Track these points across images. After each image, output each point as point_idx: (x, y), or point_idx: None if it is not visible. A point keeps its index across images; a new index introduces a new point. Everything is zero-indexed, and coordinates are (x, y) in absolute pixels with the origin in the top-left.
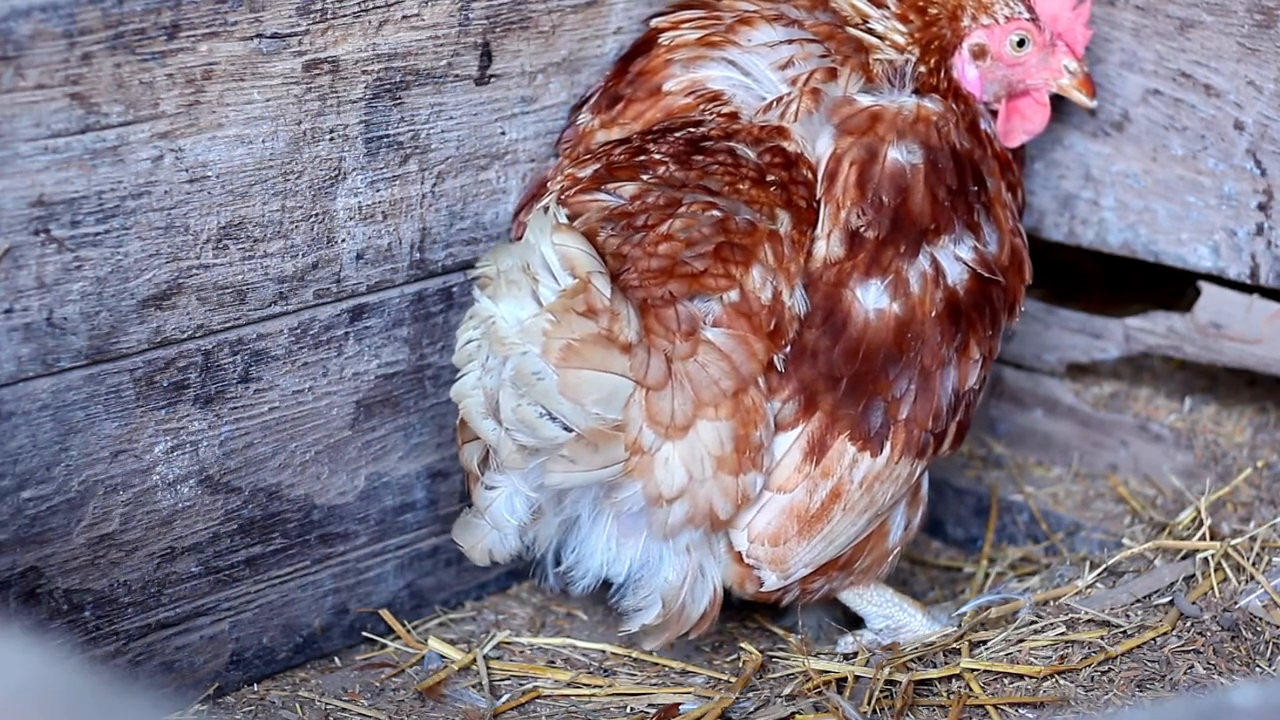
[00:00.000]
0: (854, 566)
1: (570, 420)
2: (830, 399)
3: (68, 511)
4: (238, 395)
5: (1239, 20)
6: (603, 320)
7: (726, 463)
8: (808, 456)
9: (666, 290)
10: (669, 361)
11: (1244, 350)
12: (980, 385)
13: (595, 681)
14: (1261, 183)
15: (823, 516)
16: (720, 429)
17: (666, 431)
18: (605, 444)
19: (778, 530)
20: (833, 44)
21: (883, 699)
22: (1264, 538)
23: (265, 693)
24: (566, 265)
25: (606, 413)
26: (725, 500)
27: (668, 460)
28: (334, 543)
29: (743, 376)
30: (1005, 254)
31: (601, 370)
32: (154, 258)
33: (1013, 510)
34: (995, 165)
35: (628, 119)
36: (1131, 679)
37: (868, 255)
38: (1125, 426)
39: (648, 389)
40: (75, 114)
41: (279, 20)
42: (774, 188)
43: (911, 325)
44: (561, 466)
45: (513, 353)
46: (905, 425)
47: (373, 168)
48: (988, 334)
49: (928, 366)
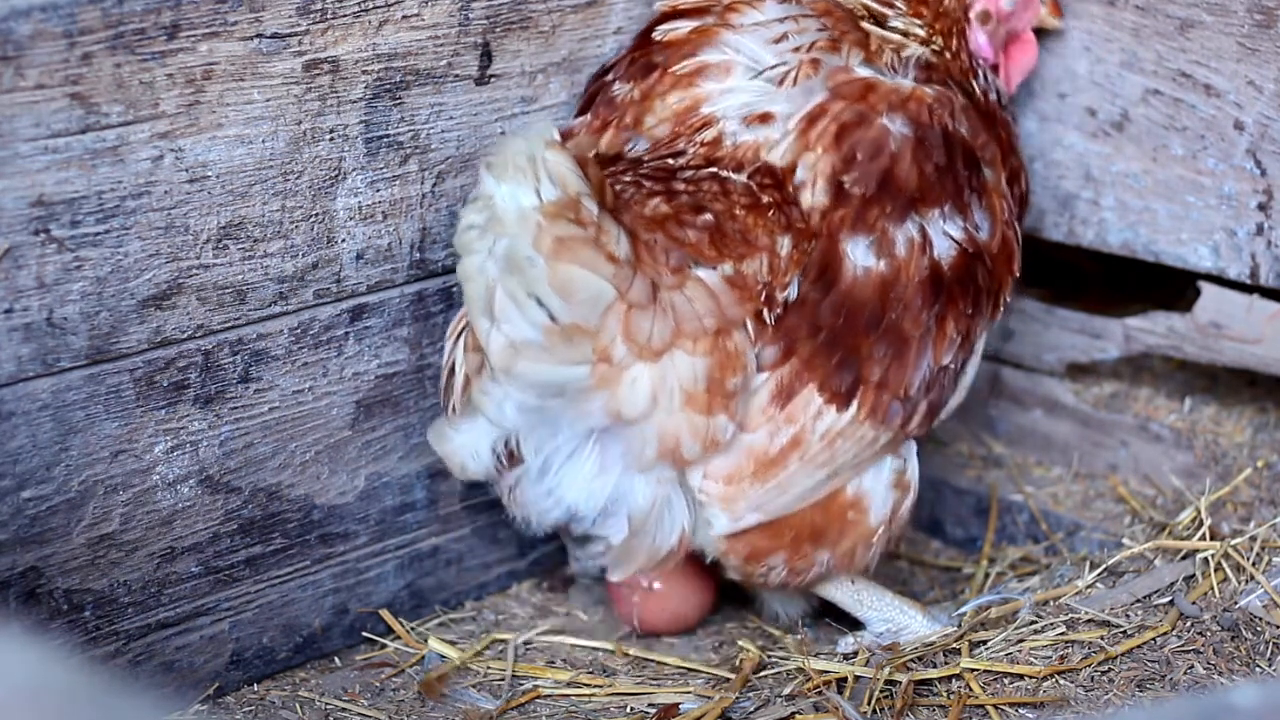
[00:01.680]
0: (833, 542)
1: (554, 309)
2: (808, 347)
3: (68, 511)
4: (238, 395)
5: (1239, 20)
6: (590, 230)
7: (697, 400)
8: (774, 399)
9: (657, 235)
10: (655, 288)
11: (1244, 350)
12: (955, 367)
13: (595, 681)
14: (1261, 183)
15: (780, 462)
16: (696, 364)
17: (640, 352)
18: (580, 339)
19: (733, 469)
20: (833, 22)
21: (883, 699)
22: (1264, 538)
23: (265, 693)
24: (558, 181)
25: (589, 313)
26: (693, 439)
27: (635, 380)
28: (334, 543)
29: (728, 319)
30: (996, 242)
31: (589, 270)
32: (154, 258)
33: (1013, 510)
34: (997, 153)
35: (665, 88)
36: (1131, 679)
37: (853, 210)
38: (1125, 426)
39: (629, 305)
40: (75, 114)
41: (279, 20)
42: (771, 210)
43: (895, 286)
44: (532, 355)
45: (508, 234)
46: (875, 388)
47: (373, 168)
48: (967, 313)
49: (906, 332)
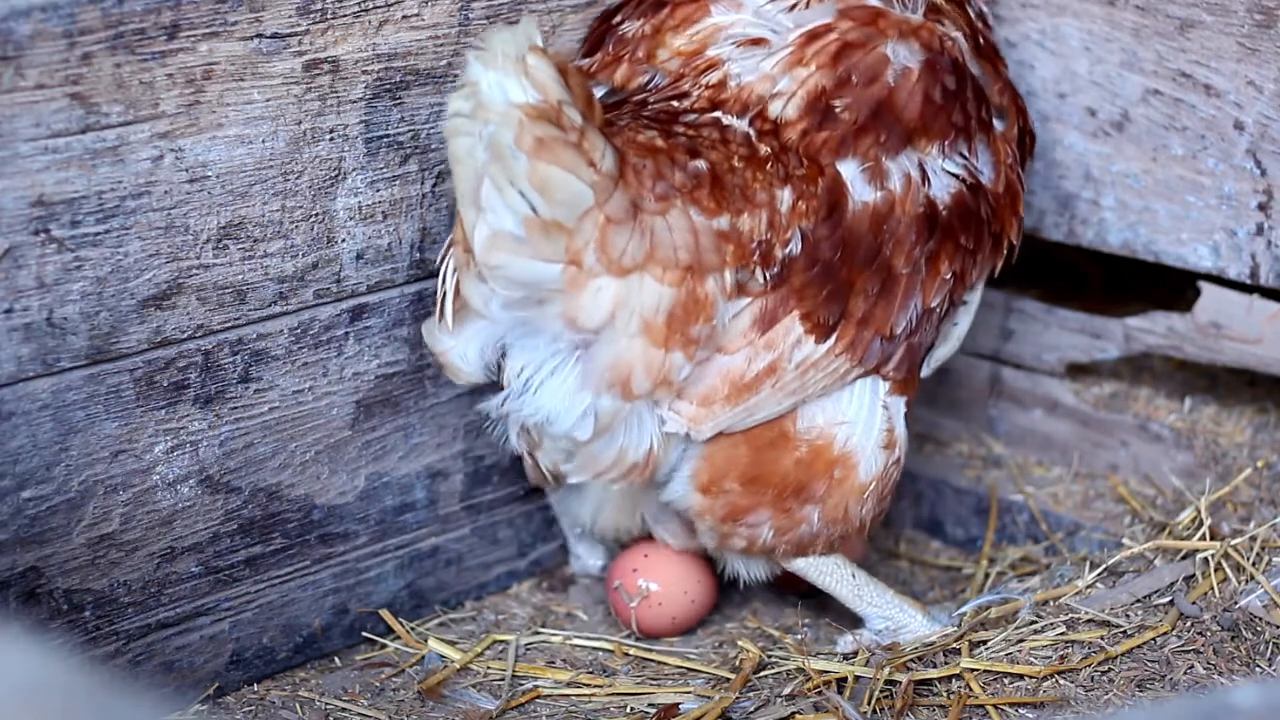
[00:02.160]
0: (820, 499)
1: (534, 202)
2: (801, 278)
3: (68, 511)
4: (238, 395)
5: (1239, 20)
6: (572, 135)
7: (654, 331)
8: (756, 324)
9: (647, 162)
10: (637, 208)
11: (1244, 350)
12: (941, 311)
13: (595, 681)
14: (1261, 183)
15: (754, 387)
16: (662, 294)
17: (610, 265)
18: (557, 236)
19: (708, 392)
20: None
21: (883, 699)
22: (1264, 538)
23: (265, 693)
24: (539, 88)
25: (567, 214)
26: (644, 372)
27: (599, 290)
28: (334, 543)
29: (703, 262)
30: (1000, 184)
31: (569, 172)
32: (154, 258)
33: (1013, 510)
34: (1011, 104)
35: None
36: (1131, 679)
37: (839, 135)
38: (1125, 426)
39: (608, 218)
40: (75, 114)
41: (279, 20)
42: (769, 163)
43: (889, 220)
44: (512, 248)
45: (494, 121)
46: (858, 323)
47: (373, 167)
48: (967, 247)
49: (896, 269)
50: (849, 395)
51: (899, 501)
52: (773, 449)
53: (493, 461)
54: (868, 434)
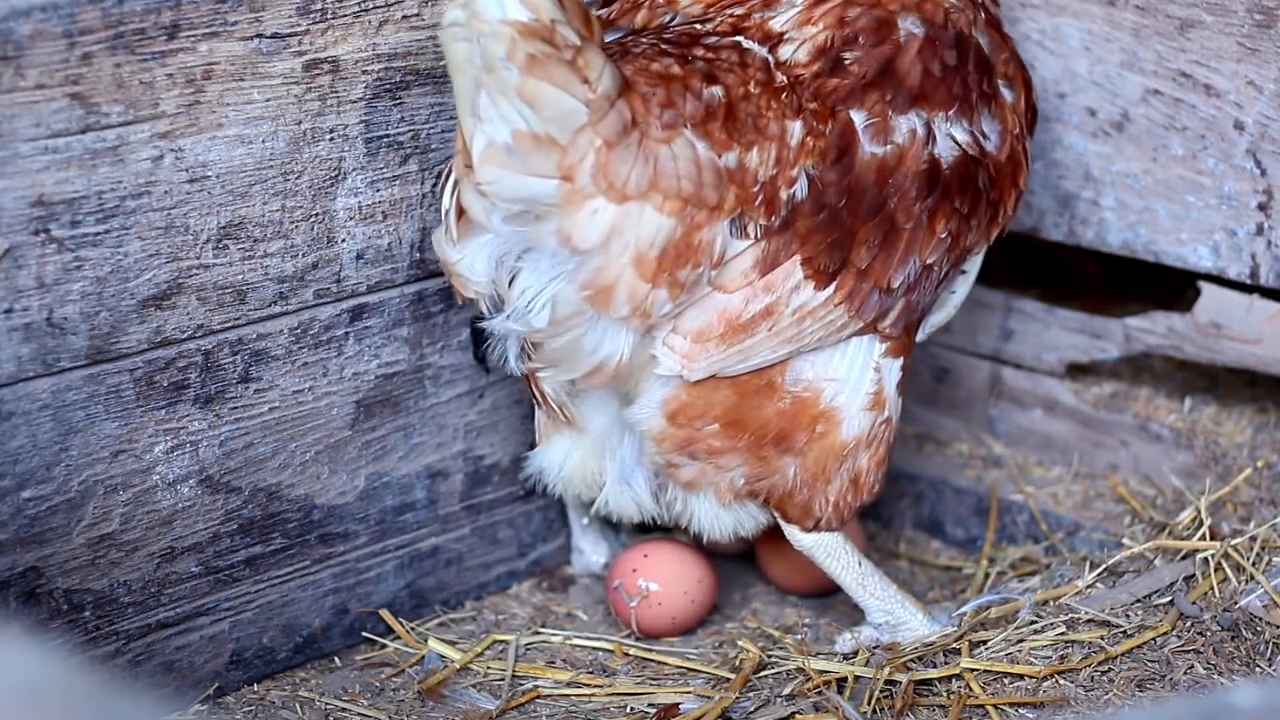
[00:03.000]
0: (799, 451)
1: (525, 115)
2: (807, 223)
3: (68, 511)
4: (238, 395)
5: (1239, 20)
6: (566, 54)
7: (645, 264)
8: (757, 265)
9: (658, 90)
10: (639, 133)
11: (1244, 350)
12: (939, 271)
13: (595, 681)
14: (1261, 183)
15: (750, 328)
16: (662, 225)
17: (608, 189)
18: (550, 150)
19: (703, 327)
20: None
21: (883, 699)
22: (1264, 538)
23: (265, 693)
24: (530, 7)
25: (559, 130)
26: (626, 299)
27: (597, 211)
28: (334, 543)
29: (703, 198)
30: (1004, 152)
31: (560, 89)
32: (154, 258)
33: (1013, 510)
34: (1018, 73)
35: None
36: (1131, 679)
37: (849, 85)
38: (1125, 426)
39: (605, 140)
40: (75, 114)
41: (279, 20)
42: (785, 93)
43: (895, 173)
44: (504, 160)
45: (488, 32)
46: (858, 274)
47: (373, 168)
48: (962, 212)
49: (898, 223)
50: (842, 353)
51: (899, 501)
52: (757, 396)
53: (493, 461)
54: (855, 394)
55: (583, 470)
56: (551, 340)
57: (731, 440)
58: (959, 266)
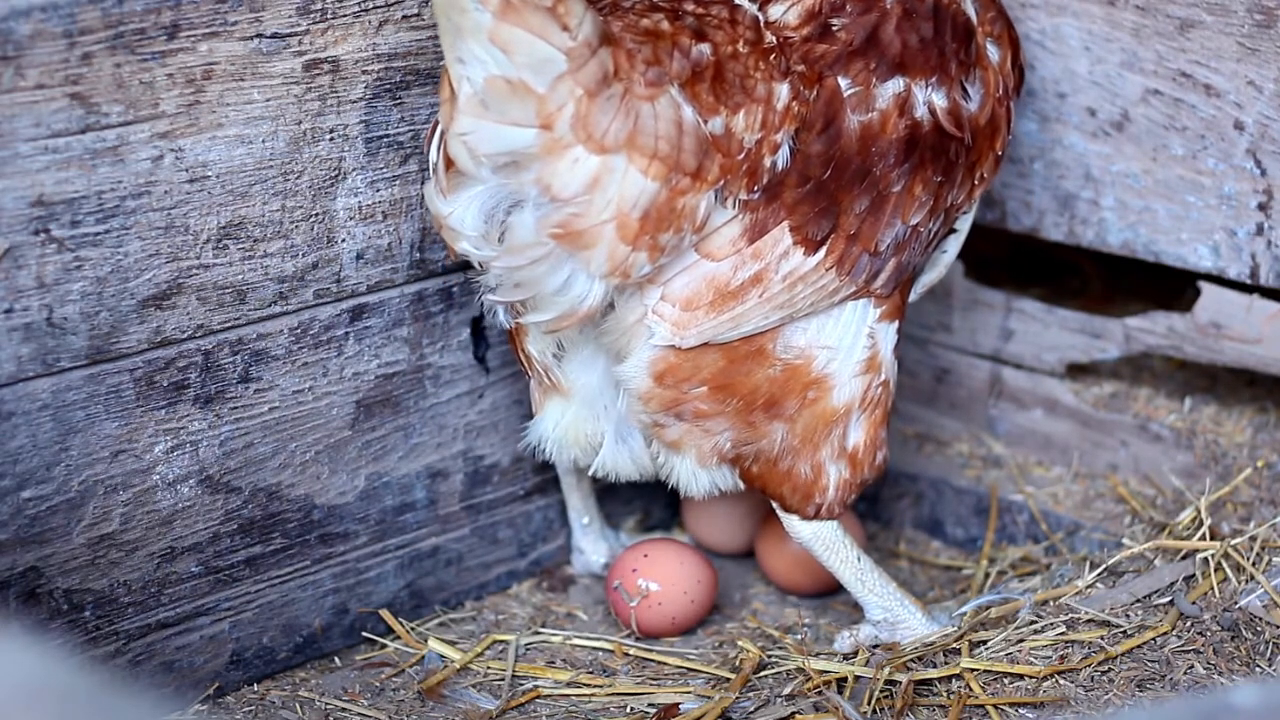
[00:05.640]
0: (789, 418)
1: (499, 61)
2: (794, 194)
3: (68, 511)
4: (238, 395)
5: (1239, 20)
6: (546, 1)
7: (627, 225)
8: (745, 233)
9: (645, 46)
10: (626, 89)
11: (1244, 350)
12: (926, 232)
13: (595, 681)
14: (1261, 183)
15: (739, 296)
16: (645, 186)
17: (587, 140)
18: (526, 98)
19: (692, 295)
20: None
21: (883, 699)
22: (1264, 538)
23: (265, 693)
24: None
25: (535, 77)
26: (606, 258)
27: (578, 161)
28: (334, 543)
29: (681, 162)
30: (984, 114)
31: (535, 35)
32: (154, 258)
33: (1013, 510)
34: (1005, 32)
35: None
36: (1131, 679)
37: (836, 51)
38: (1125, 426)
39: (586, 90)
40: (75, 114)
41: (279, 20)
42: (773, 54)
43: (878, 139)
44: (474, 110)
45: None
46: (848, 239)
47: (373, 167)
48: (935, 180)
49: (883, 188)
50: (835, 319)
51: (899, 501)
52: (746, 361)
53: (493, 461)
54: (847, 361)
55: (576, 432)
56: (516, 272)
57: (719, 404)
58: (949, 225)
